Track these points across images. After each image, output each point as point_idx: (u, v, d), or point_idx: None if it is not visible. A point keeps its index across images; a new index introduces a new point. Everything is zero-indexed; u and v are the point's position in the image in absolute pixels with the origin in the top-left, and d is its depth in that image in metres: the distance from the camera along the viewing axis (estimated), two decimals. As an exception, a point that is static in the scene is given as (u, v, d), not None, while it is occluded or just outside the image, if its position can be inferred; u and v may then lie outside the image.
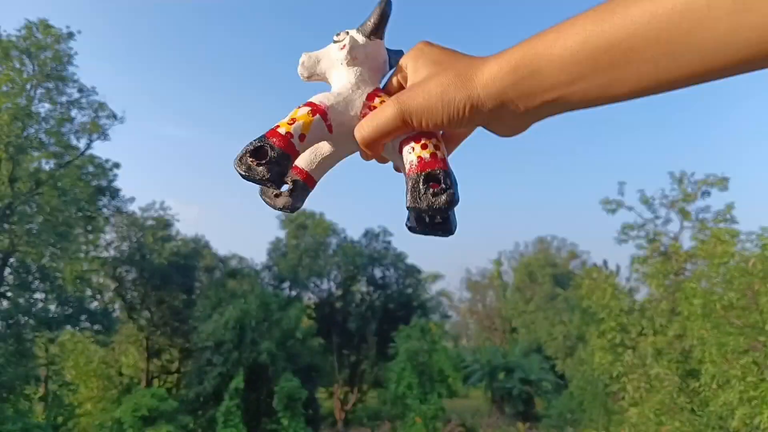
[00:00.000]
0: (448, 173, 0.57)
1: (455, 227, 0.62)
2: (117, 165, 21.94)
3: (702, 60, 0.40)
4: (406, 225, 0.64)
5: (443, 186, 0.56)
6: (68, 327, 21.09)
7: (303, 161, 0.67)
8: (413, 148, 0.58)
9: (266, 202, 0.67)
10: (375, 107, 0.62)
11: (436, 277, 33.48)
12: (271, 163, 0.57)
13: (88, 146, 20.49)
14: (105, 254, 25.44)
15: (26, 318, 19.02)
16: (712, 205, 16.72)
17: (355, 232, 38.70)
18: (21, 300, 19.25)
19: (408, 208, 0.58)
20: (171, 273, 25.55)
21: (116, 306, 26.17)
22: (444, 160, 0.58)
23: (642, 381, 13.69)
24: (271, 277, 28.09)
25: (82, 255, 22.76)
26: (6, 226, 18.17)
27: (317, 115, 0.61)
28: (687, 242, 16.93)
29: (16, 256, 19.34)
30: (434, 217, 0.60)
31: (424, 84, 0.55)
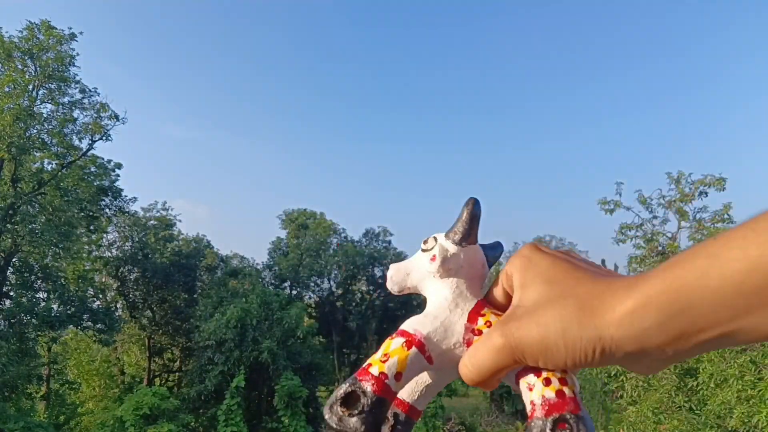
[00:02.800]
0: (580, 419, 0.46)
1: None
2: (119, 165, 22.08)
3: None
4: None
5: None
6: (71, 326, 21.16)
7: (406, 393, 0.60)
8: (532, 386, 0.48)
9: None
10: (479, 331, 0.54)
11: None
12: (365, 413, 0.50)
13: (90, 147, 20.60)
14: (107, 254, 25.57)
15: (29, 317, 19.08)
16: (710, 205, 16.74)
17: (355, 233, 38.79)
18: (24, 299, 19.33)
19: None
20: (173, 272, 25.66)
21: (118, 305, 26.27)
22: (575, 400, 0.47)
23: (640, 380, 13.78)
24: (272, 276, 28.22)
25: (84, 255, 22.86)
26: (9, 226, 18.24)
27: (413, 348, 0.54)
28: (685, 242, 17.04)
29: (18, 255, 19.42)
30: None
31: (537, 312, 0.46)
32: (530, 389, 0.48)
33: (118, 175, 22.21)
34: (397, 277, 0.61)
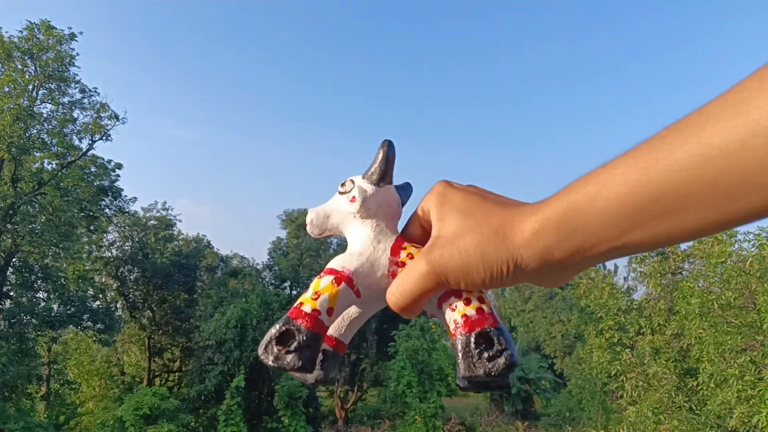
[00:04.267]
0: (500, 330, 0.51)
1: (511, 381, 0.56)
2: (119, 165, 22.09)
3: None
4: (458, 385, 0.58)
5: (498, 347, 0.50)
6: (71, 326, 21.17)
7: (332, 328, 0.63)
8: (455, 305, 0.53)
9: (296, 377, 0.61)
10: (403, 263, 0.58)
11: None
12: (300, 349, 0.52)
13: (90, 147, 20.61)
14: (107, 254, 25.59)
15: (29, 317, 19.09)
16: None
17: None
18: (24, 299, 19.33)
19: (462, 377, 0.52)
20: (173, 272, 25.68)
21: (118, 305, 26.29)
22: (492, 315, 0.53)
23: (640, 380, 13.79)
24: (273, 276, 28.23)
25: (84, 255, 22.87)
26: (9, 226, 18.25)
27: (343, 284, 0.57)
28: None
29: (18, 255, 19.43)
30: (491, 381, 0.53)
31: (457, 240, 0.51)
32: (452, 309, 0.53)
33: (119, 176, 22.25)
34: (317, 221, 0.64)
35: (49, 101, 19.65)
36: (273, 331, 0.54)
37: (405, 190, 0.67)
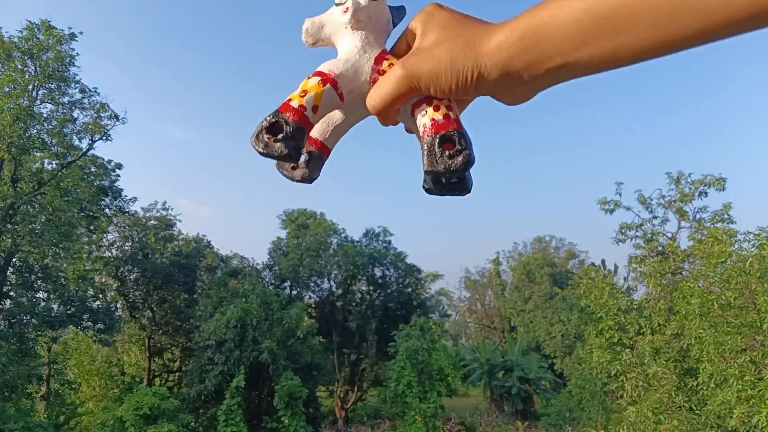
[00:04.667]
0: (462, 134, 0.57)
1: (471, 186, 0.63)
2: (119, 166, 22.09)
3: (705, 21, 0.41)
4: (423, 187, 0.64)
5: (459, 147, 0.56)
6: (71, 326, 21.16)
7: (316, 131, 0.68)
8: (425, 111, 0.58)
9: (284, 175, 0.68)
10: (384, 71, 0.63)
11: (435, 276, 33.56)
12: (287, 139, 0.58)
13: (90, 147, 20.59)
14: (107, 254, 25.59)
15: (29, 317, 19.07)
16: (710, 206, 16.76)
17: (355, 233, 38.82)
18: (24, 299, 19.31)
19: (425, 171, 0.58)
20: (173, 272, 25.67)
21: (118, 305, 26.27)
22: (457, 121, 0.58)
23: (640, 380, 13.80)
24: (272, 276, 28.21)
25: (84, 255, 22.86)
26: (9, 226, 18.24)
27: (328, 85, 0.62)
28: (684, 242, 17.05)
29: (18, 255, 19.42)
30: (451, 178, 0.61)
31: (432, 49, 0.55)
32: (423, 115, 0.58)
33: (119, 176, 22.25)
34: (312, 29, 0.68)
35: (49, 101, 19.64)
36: (264, 121, 0.59)
37: (398, 11, 0.70)
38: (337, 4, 0.66)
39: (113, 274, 25.44)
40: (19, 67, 18.87)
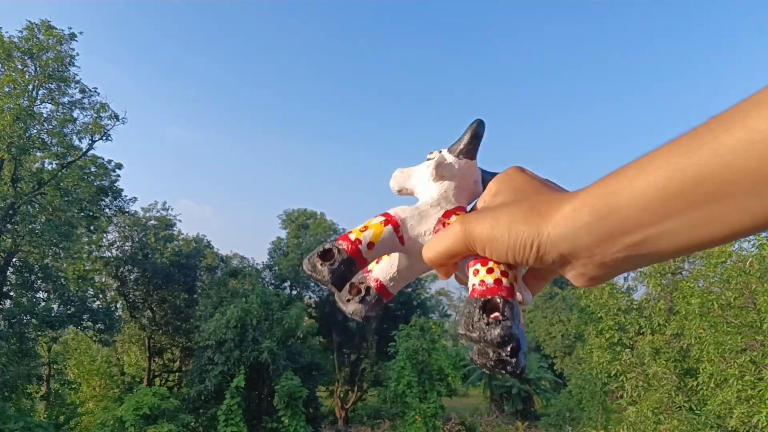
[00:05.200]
0: (510, 304, 0.51)
1: (523, 367, 0.52)
2: (119, 166, 22.10)
3: None
4: (470, 357, 0.56)
5: (501, 316, 0.50)
6: (71, 326, 21.16)
7: (381, 272, 0.66)
8: (477, 271, 0.54)
9: (339, 305, 0.66)
10: (448, 224, 0.60)
11: (435, 276, 33.48)
12: (334, 266, 0.57)
13: (90, 147, 20.59)
14: (107, 254, 25.59)
15: (29, 317, 19.08)
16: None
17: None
18: (24, 299, 19.32)
19: (461, 335, 0.52)
20: (173, 272, 25.67)
21: (118, 305, 26.28)
22: (510, 289, 0.52)
23: (640, 380, 13.80)
24: (273, 276, 28.22)
25: (84, 255, 22.86)
26: (9, 226, 18.24)
27: (389, 226, 0.60)
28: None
29: (18, 255, 19.42)
30: (499, 352, 0.51)
31: (495, 211, 0.52)
32: (475, 274, 0.54)
33: (119, 176, 22.26)
34: (399, 178, 0.68)
35: (49, 101, 19.65)
36: (320, 246, 0.59)
37: (492, 176, 0.66)
38: (428, 159, 0.66)
39: (113, 274, 25.44)
40: (19, 67, 18.87)
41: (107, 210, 22.63)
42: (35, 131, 19.10)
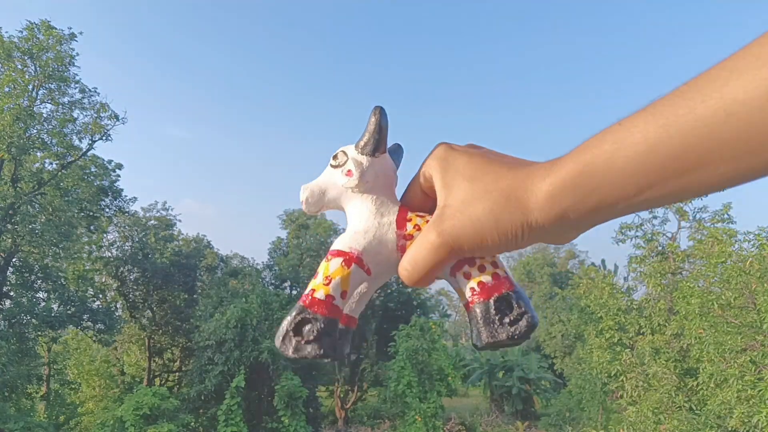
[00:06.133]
0: (519, 294, 0.51)
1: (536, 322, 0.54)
2: (120, 166, 22.11)
3: None
4: (475, 345, 0.54)
5: (519, 310, 0.50)
6: (71, 326, 21.17)
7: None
8: (469, 274, 0.52)
9: (295, 356, 0.58)
10: (410, 236, 0.56)
11: (434, 276, 33.40)
12: (319, 337, 0.51)
13: (90, 146, 20.60)
14: (107, 254, 25.58)
15: (29, 317, 19.08)
16: (710, 205, 16.74)
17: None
18: (24, 299, 19.32)
19: (486, 344, 0.51)
20: (173, 272, 25.67)
21: (118, 305, 26.28)
22: (508, 278, 0.52)
23: (640, 380, 13.81)
24: (273, 276, 28.22)
25: (84, 255, 22.88)
26: (9, 226, 18.24)
27: (353, 265, 0.55)
28: (684, 242, 17.05)
29: (18, 255, 19.42)
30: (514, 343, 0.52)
31: (467, 210, 0.50)
32: (467, 278, 0.52)
33: (119, 176, 22.27)
34: (312, 199, 0.60)
35: (49, 101, 19.64)
36: (287, 322, 0.53)
37: (397, 154, 0.64)
38: (334, 166, 0.59)
39: (113, 274, 25.44)
40: (19, 67, 18.86)
41: (107, 210, 22.64)
42: (35, 131, 19.10)
